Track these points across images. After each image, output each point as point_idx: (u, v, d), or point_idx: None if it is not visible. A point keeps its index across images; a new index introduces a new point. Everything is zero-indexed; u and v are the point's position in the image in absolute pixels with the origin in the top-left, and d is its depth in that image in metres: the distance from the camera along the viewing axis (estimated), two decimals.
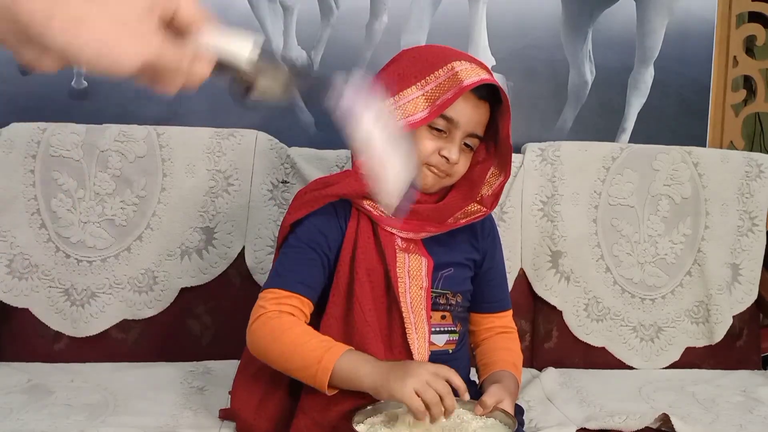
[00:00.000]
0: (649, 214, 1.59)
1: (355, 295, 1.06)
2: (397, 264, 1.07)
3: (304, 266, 1.07)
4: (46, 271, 1.43)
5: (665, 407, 1.24)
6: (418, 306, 1.07)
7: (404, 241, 1.10)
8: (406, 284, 1.07)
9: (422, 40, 1.70)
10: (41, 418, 1.15)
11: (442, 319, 1.15)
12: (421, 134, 1.07)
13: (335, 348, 0.98)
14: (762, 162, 1.64)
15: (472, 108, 1.07)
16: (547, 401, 1.34)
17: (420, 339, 1.05)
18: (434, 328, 1.12)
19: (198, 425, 1.16)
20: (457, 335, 1.16)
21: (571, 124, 1.79)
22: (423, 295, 1.08)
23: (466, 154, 1.10)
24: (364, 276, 1.07)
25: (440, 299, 1.14)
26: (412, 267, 1.09)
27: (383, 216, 1.09)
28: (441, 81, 1.05)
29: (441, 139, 1.07)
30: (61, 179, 1.44)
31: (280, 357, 1.01)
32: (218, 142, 1.49)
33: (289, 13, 1.69)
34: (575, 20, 1.78)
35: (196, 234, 1.48)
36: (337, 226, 1.10)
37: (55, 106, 1.63)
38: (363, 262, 1.07)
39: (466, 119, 1.06)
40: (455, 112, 1.05)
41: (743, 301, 1.63)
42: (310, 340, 0.99)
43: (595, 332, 1.56)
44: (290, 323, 1.01)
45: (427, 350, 1.06)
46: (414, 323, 1.05)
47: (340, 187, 1.08)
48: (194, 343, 1.49)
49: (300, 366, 0.98)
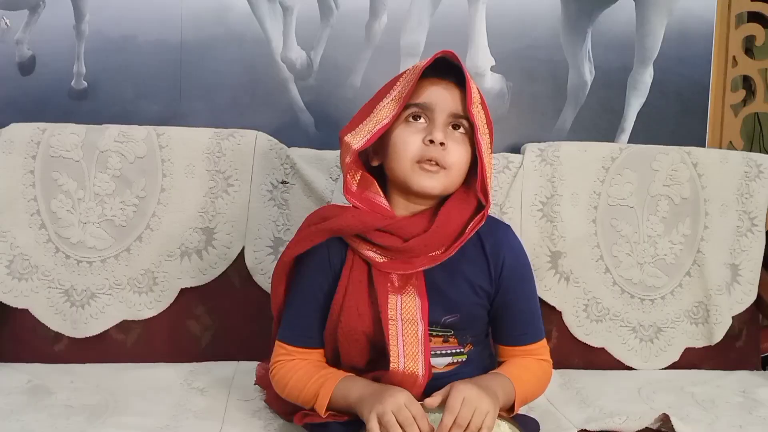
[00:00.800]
0: (648, 215, 1.60)
1: (340, 344, 1.10)
2: (389, 306, 1.06)
3: (307, 320, 1.13)
4: (45, 271, 1.43)
5: (665, 408, 1.24)
6: (412, 349, 1.05)
7: (400, 279, 1.08)
8: (399, 327, 1.06)
9: (422, 41, 1.70)
10: (41, 419, 1.15)
11: (443, 342, 1.13)
12: (401, 133, 1.07)
13: (328, 383, 1.07)
14: (761, 162, 1.64)
15: (443, 89, 1.07)
16: (547, 402, 1.34)
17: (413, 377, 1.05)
18: (435, 351, 1.12)
19: (198, 426, 1.16)
20: (464, 356, 1.15)
21: (571, 125, 1.79)
22: (419, 338, 1.05)
23: (457, 140, 1.07)
24: (352, 322, 1.08)
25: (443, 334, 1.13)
26: (405, 310, 1.07)
27: (375, 258, 1.08)
28: (407, 79, 1.07)
29: (423, 129, 1.07)
30: (61, 180, 1.44)
31: (293, 399, 1.12)
32: (218, 143, 1.49)
33: (288, 13, 1.68)
34: (575, 20, 1.78)
35: (196, 234, 1.48)
36: (330, 271, 1.12)
37: (55, 107, 1.63)
38: (353, 308, 1.08)
39: (440, 99, 1.06)
40: (425, 96, 1.06)
41: (743, 302, 1.63)
42: (309, 380, 1.09)
43: (595, 333, 1.56)
44: (294, 369, 1.12)
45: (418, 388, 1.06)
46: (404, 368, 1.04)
47: (333, 222, 1.08)
48: (194, 344, 1.49)
49: (307, 404, 1.09)
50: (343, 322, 1.08)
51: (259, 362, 1.34)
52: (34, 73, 1.64)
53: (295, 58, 1.69)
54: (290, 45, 1.69)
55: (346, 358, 1.11)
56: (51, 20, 1.63)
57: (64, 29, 1.63)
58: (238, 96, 1.68)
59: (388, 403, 0.97)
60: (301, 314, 1.14)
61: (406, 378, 1.05)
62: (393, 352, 1.04)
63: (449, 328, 1.13)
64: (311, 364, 1.12)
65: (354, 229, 1.07)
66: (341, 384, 1.06)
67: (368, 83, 1.70)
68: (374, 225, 1.07)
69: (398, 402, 0.97)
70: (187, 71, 1.66)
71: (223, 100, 1.67)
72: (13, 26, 1.62)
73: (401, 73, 1.10)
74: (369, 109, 1.09)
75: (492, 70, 1.74)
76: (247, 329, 1.49)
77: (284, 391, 1.12)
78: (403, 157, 1.07)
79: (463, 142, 1.08)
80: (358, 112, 1.11)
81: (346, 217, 1.07)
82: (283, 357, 1.13)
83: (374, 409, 0.97)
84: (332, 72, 1.71)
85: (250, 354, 1.46)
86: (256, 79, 1.68)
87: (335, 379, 1.07)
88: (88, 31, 1.63)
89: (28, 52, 1.63)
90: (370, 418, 0.97)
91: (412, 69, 1.08)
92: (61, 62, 1.63)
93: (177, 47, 1.65)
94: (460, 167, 1.08)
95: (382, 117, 1.06)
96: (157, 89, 1.65)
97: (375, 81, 1.71)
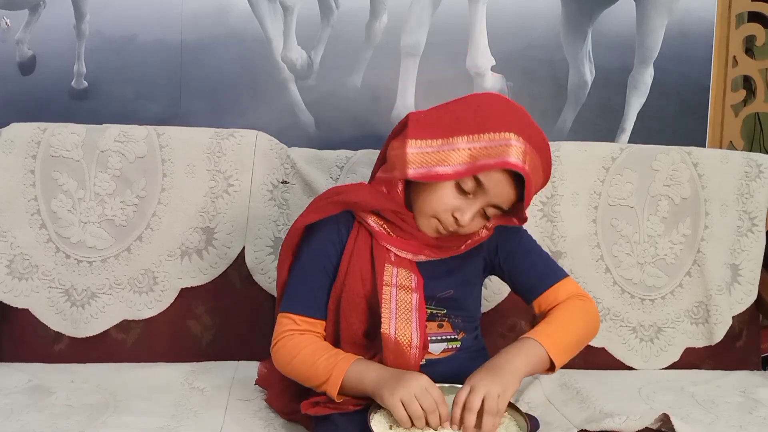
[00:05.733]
0: (648, 215, 1.60)
1: (342, 310, 1.10)
2: (385, 273, 1.08)
3: (314, 289, 1.13)
4: (46, 271, 1.43)
5: (665, 408, 1.24)
6: (405, 315, 1.07)
7: (397, 258, 1.10)
8: (393, 294, 1.07)
9: (422, 41, 1.70)
10: (41, 419, 1.15)
11: (438, 327, 1.14)
12: (445, 189, 1.06)
13: (341, 363, 1.05)
14: (762, 162, 1.64)
15: (507, 182, 1.04)
16: (547, 402, 1.34)
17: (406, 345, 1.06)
18: (430, 337, 1.12)
19: (198, 426, 1.16)
20: (458, 342, 1.16)
21: (571, 125, 1.79)
22: (412, 305, 1.07)
23: (481, 218, 1.09)
24: (355, 286, 1.09)
25: (438, 313, 1.14)
26: (400, 279, 1.09)
27: (382, 232, 1.10)
28: (491, 145, 1.02)
29: (463, 200, 1.06)
30: (61, 179, 1.44)
31: (298, 374, 1.10)
32: (218, 143, 1.49)
33: (289, 13, 1.69)
34: (575, 20, 1.78)
35: (196, 234, 1.48)
36: (338, 242, 1.13)
37: (55, 106, 1.63)
38: (356, 273, 1.10)
39: (498, 190, 1.04)
40: (489, 178, 1.03)
41: (743, 302, 1.63)
42: (319, 357, 1.07)
43: None
44: (304, 343, 1.10)
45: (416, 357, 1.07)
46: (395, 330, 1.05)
47: (350, 195, 1.10)
48: (194, 344, 1.48)
49: (314, 382, 1.07)
50: (347, 286, 1.10)
51: (260, 362, 1.34)
52: (35, 72, 1.64)
53: (296, 58, 1.69)
54: (290, 45, 1.69)
55: (346, 326, 1.11)
56: (51, 20, 1.63)
57: (65, 29, 1.63)
58: (238, 96, 1.68)
59: (411, 387, 0.98)
60: (308, 283, 1.13)
61: (399, 346, 1.05)
62: (384, 316, 1.06)
63: (443, 306, 1.14)
64: (321, 342, 1.11)
65: (369, 205, 1.09)
66: (356, 365, 1.05)
67: (368, 83, 1.70)
68: (389, 205, 1.09)
69: (421, 385, 0.99)
70: (188, 71, 1.66)
71: (223, 100, 1.67)
72: (13, 26, 1.63)
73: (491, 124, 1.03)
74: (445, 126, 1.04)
75: (492, 70, 1.74)
76: (247, 329, 1.50)
77: (289, 365, 1.09)
78: (428, 208, 1.07)
79: (484, 219, 1.09)
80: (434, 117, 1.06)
81: (362, 192, 1.10)
82: (291, 328, 1.11)
83: (396, 393, 0.98)
84: (332, 72, 1.72)
85: (250, 354, 1.46)
86: (256, 79, 1.68)
87: (349, 359, 1.06)
88: (89, 31, 1.64)
89: (29, 51, 1.63)
90: (394, 402, 0.98)
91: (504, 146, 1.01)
92: (62, 62, 1.64)
93: (177, 47, 1.65)
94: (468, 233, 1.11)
95: (449, 159, 1.02)
96: (157, 89, 1.65)
97: (375, 81, 1.71)
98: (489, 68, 1.74)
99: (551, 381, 1.43)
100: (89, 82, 1.64)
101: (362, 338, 1.12)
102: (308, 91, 1.71)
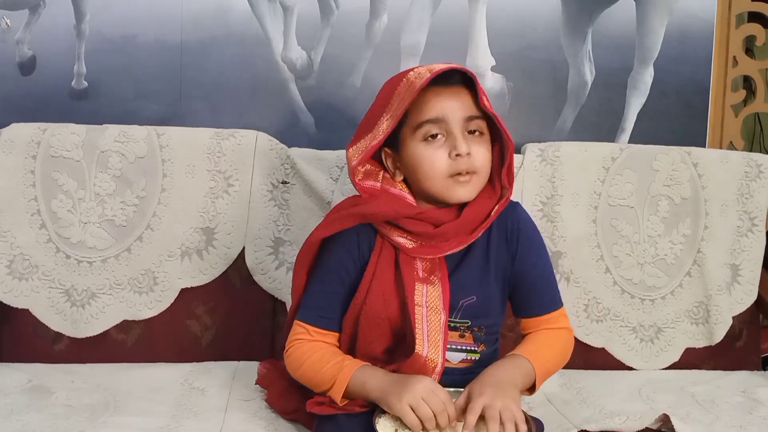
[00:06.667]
0: (648, 215, 1.60)
1: (361, 327, 1.10)
2: (416, 294, 1.08)
3: (330, 301, 1.13)
4: (46, 271, 1.43)
5: (665, 408, 1.24)
6: (435, 336, 1.07)
7: (425, 269, 1.09)
8: (423, 314, 1.07)
9: (422, 41, 1.70)
10: (41, 419, 1.15)
11: (460, 337, 1.14)
12: (424, 152, 1.07)
13: (346, 369, 1.07)
14: (762, 162, 1.64)
15: (449, 96, 1.06)
16: (548, 402, 1.34)
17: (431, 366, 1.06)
18: (450, 345, 1.12)
19: (198, 426, 1.16)
20: (478, 355, 1.15)
21: (571, 125, 1.79)
22: (440, 326, 1.07)
23: (478, 142, 1.08)
24: (378, 307, 1.09)
25: (461, 325, 1.13)
26: (430, 298, 1.08)
27: (404, 244, 1.09)
28: (401, 95, 1.06)
29: (442, 141, 1.07)
30: (61, 180, 1.44)
31: (307, 380, 1.12)
32: (218, 143, 1.49)
33: (289, 13, 1.69)
34: (575, 20, 1.78)
35: (196, 234, 1.48)
36: (358, 255, 1.12)
37: (55, 106, 1.63)
38: (379, 293, 1.09)
39: (450, 109, 1.06)
40: (435, 110, 1.05)
41: (743, 302, 1.63)
42: (326, 364, 1.08)
43: (595, 333, 1.56)
44: (312, 350, 1.11)
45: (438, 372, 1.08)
46: (427, 354, 1.06)
47: (365, 208, 1.09)
48: (194, 344, 1.49)
49: (321, 388, 1.09)
50: (368, 306, 1.09)
51: (260, 362, 1.34)
52: (35, 73, 1.64)
53: (296, 58, 1.69)
54: (290, 45, 1.69)
55: (364, 344, 1.11)
56: (51, 20, 1.63)
57: (65, 29, 1.63)
58: (238, 96, 1.68)
59: (417, 390, 0.99)
60: (324, 295, 1.13)
61: (424, 366, 1.05)
62: (419, 337, 1.05)
63: (466, 318, 1.13)
64: (329, 349, 1.12)
65: (385, 215, 1.08)
66: (360, 372, 1.06)
67: (368, 83, 1.70)
68: (405, 212, 1.09)
69: (427, 387, 1.00)
70: (188, 71, 1.66)
71: (223, 100, 1.67)
72: (13, 26, 1.63)
73: (396, 86, 1.08)
74: (370, 125, 1.09)
75: (492, 70, 1.74)
76: (247, 329, 1.50)
77: (298, 371, 1.11)
78: (434, 175, 1.07)
79: (485, 141, 1.09)
80: (360, 125, 1.12)
81: (378, 203, 1.09)
82: (302, 336, 1.12)
83: (404, 398, 0.99)
84: (332, 72, 1.72)
85: (250, 354, 1.46)
86: (256, 79, 1.68)
87: (353, 366, 1.07)
88: (89, 31, 1.64)
89: (29, 52, 1.63)
90: (402, 407, 0.98)
91: (406, 84, 1.06)
92: (62, 62, 1.64)
93: (177, 47, 1.65)
94: (487, 166, 1.10)
95: (377, 134, 1.07)
96: (157, 89, 1.65)
97: (375, 81, 1.71)
98: (489, 68, 1.74)
99: (551, 381, 1.43)
100: (89, 82, 1.64)
101: (381, 354, 1.12)
102: (308, 91, 1.71)
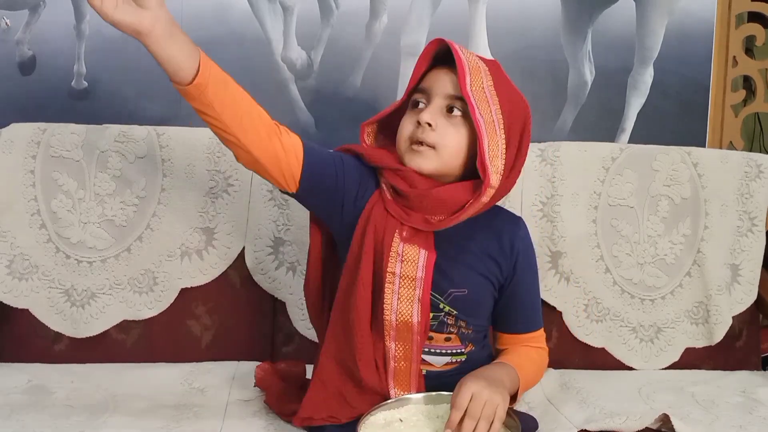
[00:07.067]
0: (648, 215, 1.60)
1: (360, 271, 1.08)
2: (392, 248, 1.07)
3: (324, 155, 1.12)
4: (46, 271, 1.43)
5: (665, 408, 1.24)
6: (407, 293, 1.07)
7: (410, 232, 1.08)
8: (396, 271, 1.07)
9: (422, 41, 1.70)
10: (41, 419, 1.15)
11: (446, 341, 1.13)
12: (404, 118, 1.12)
13: None
14: (761, 162, 1.64)
15: (442, 74, 1.10)
16: (547, 402, 1.34)
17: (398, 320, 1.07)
18: (435, 350, 1.13)
19: (198, 426, 1.16)
20: (464, 356, 1.15)
21: (571, 125, 1.79)
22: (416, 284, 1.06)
23: (453, 122, 1.07)
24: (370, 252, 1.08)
25: (449, 320, 1.12)
26: (406, 255, 1.07)
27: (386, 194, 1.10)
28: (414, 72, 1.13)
29: (419, 112, 1.09)
30: (61, 180, 1.44)
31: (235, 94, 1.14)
32: (218, 143, 1.48)
33: (289, 13, 1.69)
34: (575, 20, 1.78)
35: (196, 234, 1.48)
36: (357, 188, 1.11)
37: (55, 106, 1.63)
38: (371, 239, 1.08)
39: (436, 83, 1.09)
40: (425, 82, 1.11)
41: (743, 302, 1.63)
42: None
43: (595, 333, 1.56)
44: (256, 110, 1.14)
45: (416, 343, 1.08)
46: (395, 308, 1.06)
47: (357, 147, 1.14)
48: (194, 344, 1.48)
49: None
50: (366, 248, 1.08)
51: (258, 363, 1.34)
52: (35, 73, 1.64)
53: (296, 58, 1.69)
54: (290, 45, 1.69)
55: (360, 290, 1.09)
56: (51, 20, 1.63)
57: (65, 29, 1.63)
58: None
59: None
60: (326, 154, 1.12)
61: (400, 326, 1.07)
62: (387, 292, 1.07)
63: (456, 306, 1.11)
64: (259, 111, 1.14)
65: (372, 158, 1.11)
66: None
67: (368, 83, 1.70)
68: (389, 162, 1.10)
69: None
70: None
71: None
72: (13, 26, 1.63)
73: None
74: None
75: None
76: (247, 329, 1.50)
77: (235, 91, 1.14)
78: (400, 138, 1.11)
79: (460, 124, 1.08)
80: None
81: (365, 148, 1.14)
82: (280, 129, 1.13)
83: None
84: (332, 72, 1.72)
85: (250, 354, 1.46)
86: (256, 79, 1.68)
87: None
88: (89, 31, 1.64)
89: (29, 52, 1.63)
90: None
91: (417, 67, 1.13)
92: (62, 62, 1.64)
93: None
94: (452, 148, 1.07)
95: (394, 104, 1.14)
96: (157, 89, 1.65)
97: (375, 81, 1.71)
98: None
99: (551, 381, 1.43)
100: (89, 82, 1.64)
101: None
102: (308, 91, 1.71)
